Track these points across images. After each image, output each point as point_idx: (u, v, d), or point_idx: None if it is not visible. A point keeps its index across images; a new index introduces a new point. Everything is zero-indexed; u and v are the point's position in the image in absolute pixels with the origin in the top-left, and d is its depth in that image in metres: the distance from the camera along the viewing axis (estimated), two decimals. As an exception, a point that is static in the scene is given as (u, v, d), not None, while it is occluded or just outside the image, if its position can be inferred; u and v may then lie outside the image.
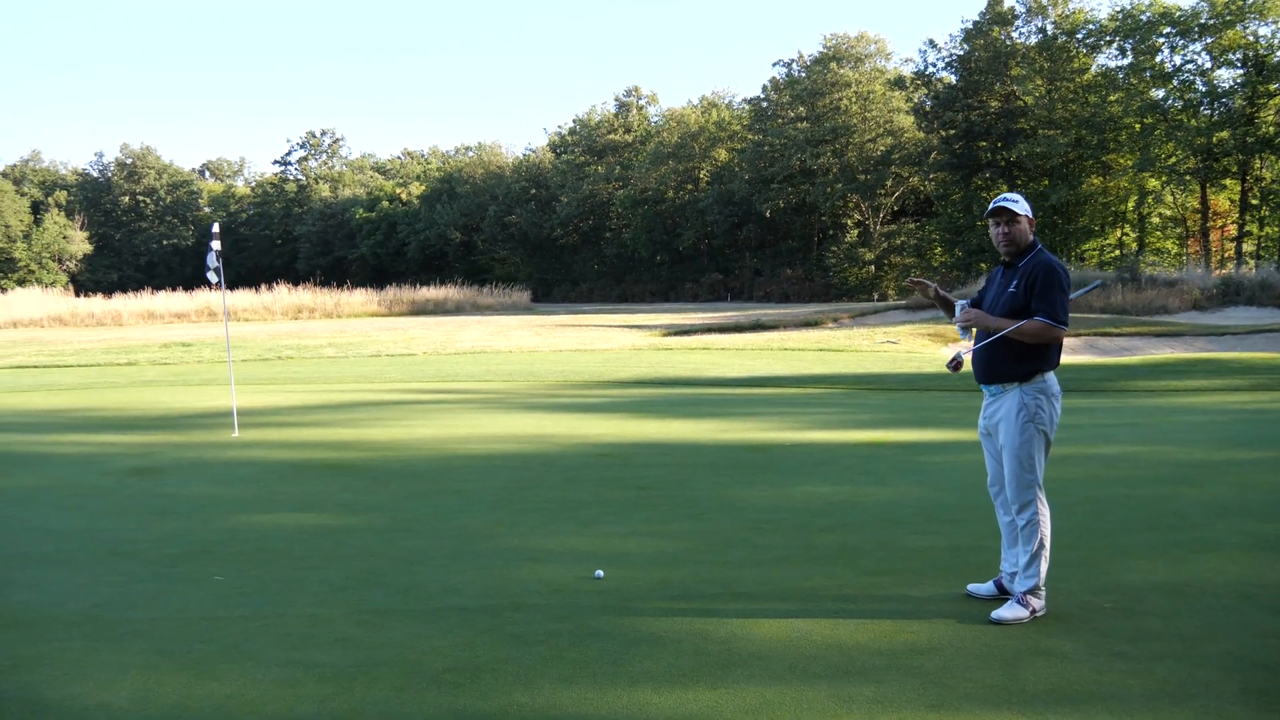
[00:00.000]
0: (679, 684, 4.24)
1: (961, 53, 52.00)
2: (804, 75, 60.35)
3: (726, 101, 70.74)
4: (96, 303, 49.10)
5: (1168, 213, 52.46)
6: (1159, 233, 53.13)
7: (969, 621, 4.93)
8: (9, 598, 5.62)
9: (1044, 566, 5.03)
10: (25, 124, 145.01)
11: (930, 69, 54.20)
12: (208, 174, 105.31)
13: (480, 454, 9.91)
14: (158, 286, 59.12)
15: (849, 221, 60.88)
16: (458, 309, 52.99)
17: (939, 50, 53.53)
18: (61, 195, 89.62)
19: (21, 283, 72.68)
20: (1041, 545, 5.02)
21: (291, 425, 12.20)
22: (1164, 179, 48.31)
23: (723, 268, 64.76)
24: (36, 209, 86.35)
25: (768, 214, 60.59)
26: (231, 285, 59.25)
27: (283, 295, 51.14)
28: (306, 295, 51.69)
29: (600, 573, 5.79)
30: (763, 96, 63.54)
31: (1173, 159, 46.20)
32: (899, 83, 57.50)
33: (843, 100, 57.73)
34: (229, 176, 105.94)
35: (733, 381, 16.85)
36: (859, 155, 57.44)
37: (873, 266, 57.19)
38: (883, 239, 57.67)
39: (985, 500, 7.29)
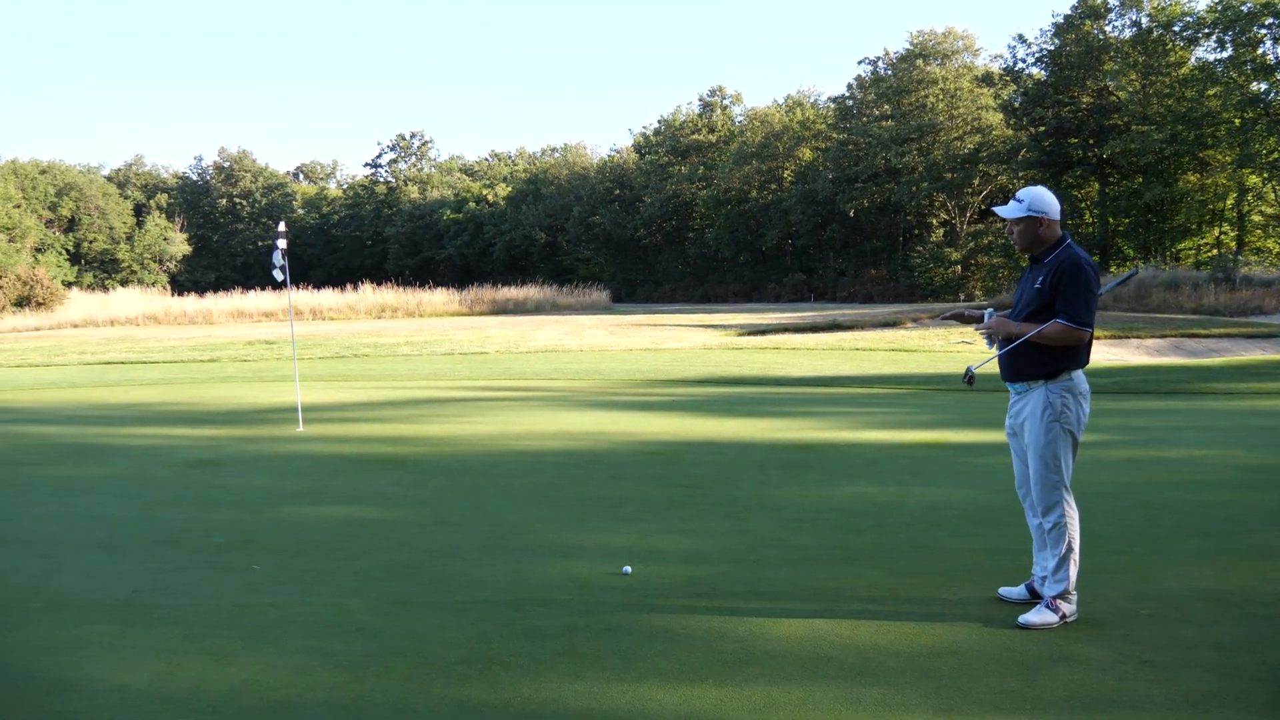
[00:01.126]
0: (687, 681, 4.22)
1: (1052, 48, 50.62)
2: (889, 73, 59.50)
3: (812, 100, 70.02)
4: (190, 302, 50.69)
5: (1270, 210, 50.34)
6: (1260, 231, 51.02)
7: (995, 626, 4.81)
8: (58, 581, 5.84)
9: (1074, 570, 4.88)
10: (128, 129, 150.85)
11: (1020, 65, 52.93)
12: (301, 176, 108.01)
13: (531, 450, 9.98)
14: (252, 286, 60.67)
15: (934, 221, 59.79)
16: (538, 308, 53.34)
17: (1029, 45, 52.22)
18: (163, 198, 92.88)
19: (124, 283, 75.56)
20: (1070, 548, 4.88)
21: (354, 420, 12.45)
22: (1265, 175, 46.40)
23: (806, 268, 64.16)
24: (139, 211, 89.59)
25: (852, 213, 59.81)
26: (319, 285, 60.74)
27: (367, 295, 51.90)
28: (390, 295, 52.32)
29: (628, 569, 5.80)
30: (847, 94, 62.81)
31: (1275, 154, 44.36)
32: (987, 79, 56.26)
33: (929, 97, 56.73)
34: (322, 179, 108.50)
35: (797, 381, 16.68)
36: (945, 153, 56.35)
37: (959, 266, 56.06)
38: (969, 238, 56.44)
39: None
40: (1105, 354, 21.56)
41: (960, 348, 22.10)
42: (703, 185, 68.79)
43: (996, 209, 5.20)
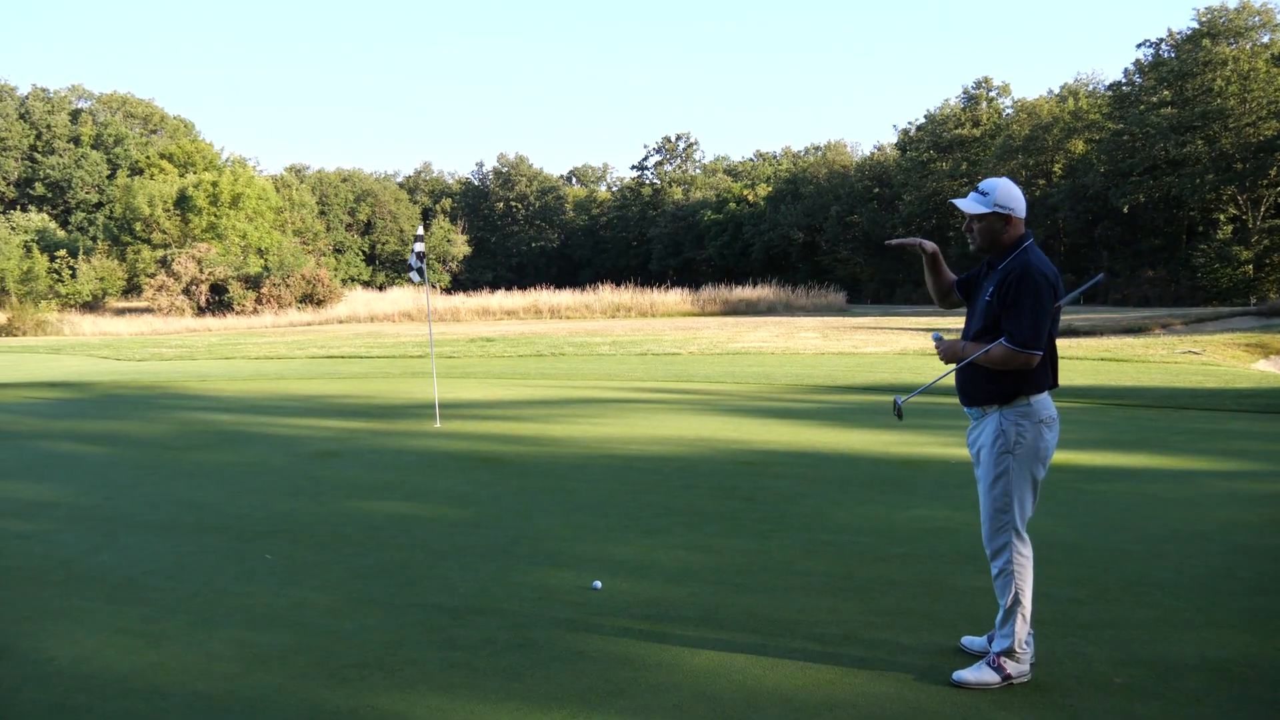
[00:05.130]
0: (545, 707, 4.10)
1: (1369, 17, 44.62)
2: (1172, 54, 54.39)
3: (1090, 89, 65.20)
4: (439, 299, 54.08)
5: None
6: None
7: (927, 680, 4.32)
8: (94, 558, 6.39)
9: (1022, 626, 4.29)
10: (420, 139, 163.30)
11: (1328, 38, 46.93)
12: (574, 180, 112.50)
13: (626, 455, 9.88)
14: (526, 285, 63.84)
15: (1222, 217, 54.16)
16: (769, 309, 52.87)
17: (1339, 15, 46.21)
18: (447, 202, 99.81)
19: (411, 281, 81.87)
20: (1018, 600, 4.29)
21: (490, 419, 12.76)
22: None
23: (1076, 268, 59.81)
24: (426, 215, 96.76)
25: (1126, 209, 55.23)
26: (587, 284, 62.95)
27: (604, 294, 53.47)
28: (626, 294, 53.56)
29: (598, 584, 5.66)
30: (1124, 81, 58.06)
31: None
32: (1287, 57, 50.28)
33: (1217, 80, 51.35)
34: (592, 182, 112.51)
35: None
36: (1236, 141, 50.78)
37: (1250, 267, 50.37)
38: (1263, 236, 50.66)
39: (1106, 542, 6.35)
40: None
41: (1182, 358, 19.77)
42: (964, 182, 65.77)
43: (955, 201, 4.61)
